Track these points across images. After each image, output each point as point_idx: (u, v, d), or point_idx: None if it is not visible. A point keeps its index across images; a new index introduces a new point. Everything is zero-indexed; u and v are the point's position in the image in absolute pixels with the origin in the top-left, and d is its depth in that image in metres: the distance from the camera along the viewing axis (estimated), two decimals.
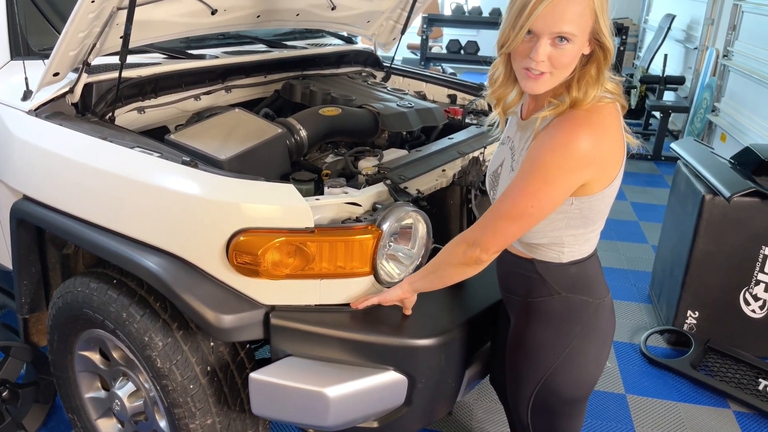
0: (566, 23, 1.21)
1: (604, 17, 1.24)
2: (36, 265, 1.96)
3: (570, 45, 1.24)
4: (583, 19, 1.23)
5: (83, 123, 1.81)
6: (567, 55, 1.25)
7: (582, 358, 1.44)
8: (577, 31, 1.23)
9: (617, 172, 1.32)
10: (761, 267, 2.72)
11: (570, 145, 1.23)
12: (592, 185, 1.30)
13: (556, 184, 1.26)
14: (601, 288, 1.46)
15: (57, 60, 1.71)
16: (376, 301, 1.54)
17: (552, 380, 1.45)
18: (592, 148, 1.24)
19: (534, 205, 1.27)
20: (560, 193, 1.28)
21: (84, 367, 1.95)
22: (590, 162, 1.25)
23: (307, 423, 1.56)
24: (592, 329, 1.43)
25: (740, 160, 2.93)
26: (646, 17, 8.68)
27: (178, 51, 2.29)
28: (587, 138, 1.24)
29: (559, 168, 1.24)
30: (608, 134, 1.27)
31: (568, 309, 1.42)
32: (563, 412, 1.52)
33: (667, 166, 5.69)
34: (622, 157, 1.32)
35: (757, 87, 4.90)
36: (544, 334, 1.44)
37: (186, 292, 1.48)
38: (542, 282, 1.42)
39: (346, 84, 2.58)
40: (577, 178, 1.27)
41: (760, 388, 2.62)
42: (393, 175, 1.73)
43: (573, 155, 1.24)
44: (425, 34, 7.64)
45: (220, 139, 1.79)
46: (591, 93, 1.27)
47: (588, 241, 1.41)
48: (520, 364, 1.50)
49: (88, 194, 1.67)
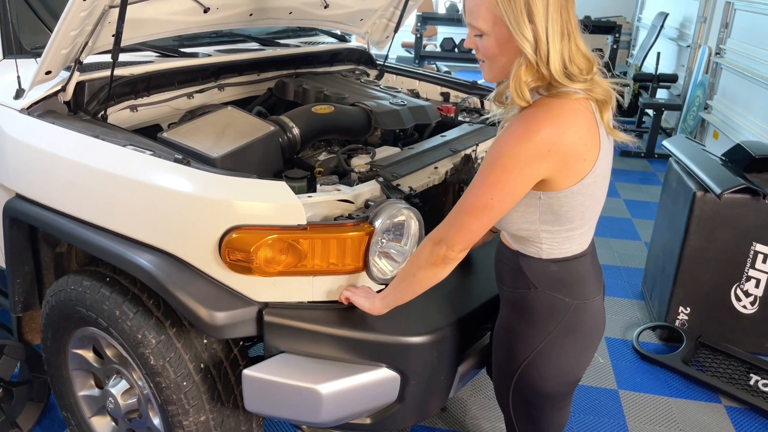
0: (474, 18, 1.28)
1: (518, 16, 1.21)
2: (29, 263, 1.96)
3: (485, 38, 1.29)
4: (488, 16, 1.26)
5: (75, 121, 1.81)
6: (486, 47, 1.30)
7: (558, 356, 1.43)
8: (484, 27, 1.27)
9: (587, 170, 1.29)
10: (752, 263, 2.74)
11: (525, 136, 1.24)
12: (557, 180, 1.29)
13: (513, 174, 1.25)
14: (587, 290, 1.44)
15: (49, 58, 1.71)
16: (346, 297, 1.55)
17: (526, 373, 1.46)
18: (547, 140, 1.23)
19: (494, 197, 1.28)
20: (519, 184, 1.27)
21: (77, 365, 1.95)
22: (546, 153, 1.24)
23: (300, 419, 1.57)
24: (572, 329, 1.42)
25: (731, 157, 2.95)
26: (639, 15, 8.71)
27: (171, 49, 2.29)
28: (543, 129, 1.23)
29: (515, 158, 1.24)
30: (569, 128, 1.25)
31: (545, 306, 1.41)
32: (542, 405, 1.52)
33: (659, 163, 5.71)
34: (592, 155, 1.29)
35: (750, 85, 4.92)
36: (519, 327, 1.45)
37: (179, 289, 1.48)
38: (523, 275, 1.43)
39: (339, 82, 2.59)
40: (535, 170, 1.25)
41: (751, 383, 2.64)
42: (385, 172, 1.73)
43: (528, 145, 1.23)
44: (419, 33, 7.65)
45: (213, 137, 1.79)
46: (524, 91, 1.26)
47: (568, 240, 1.39)
48: (499, 354, 1.53)
49: (80, 192, 1.67)
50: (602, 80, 1.31)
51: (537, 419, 1.55)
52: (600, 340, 1.51)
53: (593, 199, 1.35)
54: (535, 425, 1.57)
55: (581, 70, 1.27)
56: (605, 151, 1.33)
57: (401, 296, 1.49)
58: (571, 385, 1.51)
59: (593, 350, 1.50)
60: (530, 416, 1.55)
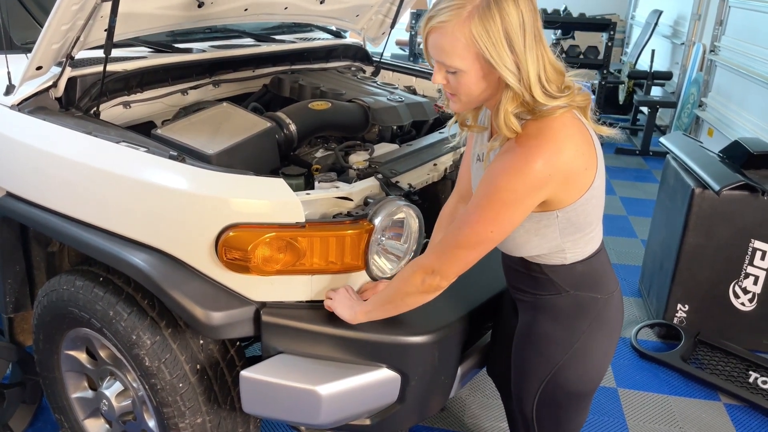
0: (448, 57, 1.22)
1: (499, 49, 1.18)
2: (20, 263, 1.93)
3: (462, 74, 1.24)
4: (466, 54, 1.20)
5: (67, 118, 1.78)
6: (463, 84, 1.25)
7: (590, 353, 1.44)
8: (462, 65, 1.22)
9: (591, 176, 1.29)
10: (750, 260, 2.73)
11: (523, 168, 1.22)
12: (566, 196, 1.28)
13: (513, 207, 1.25)
14: (610, 283, 1.45)
15: (40, 53, 1.67)
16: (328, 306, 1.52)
17: (559, 375, 1.45)
18: (545, 167, 1.22)
19: (494, 230, 1.27)
20: (519, 215, 1.27)
21: (70, 366, 1.92)
22: (546, 181, 1.23)
23: (298, 421, 1.55)
24: (601, 324, 1.43)
25: (729, 153, 2.94)
26: (633, 13, 8.72)
27: (164, 45, 2.26)
28: (540, 158, 1.21)
29: (515, 191, 1.23)
30: (564, 147, 1.23)
31: (577, 306, 1.41)
32: (569, 406, 1.52)
33: (655, 161, 5.72)
34: (592, 161, 1.29)
35: (744, 82, 4.93)
36: (553, 330, 1.44)
37: (174, 289, 1.45)
38: (550, 281, 1.42)
39: (336, 78, 2.56)
40: (536, 198, 1.26)
41: (750, 380, 2.63)
42: (384, 169, 1.71)
43: (527, 178, 1.22)
44: (414, 30, 7.63)
45: (208, 133, 1.76)
46: (512, 122, 1.23)
47: (590, 241, 1.40)
48: (528, 359, 1.50)
49: (73, 190, 1.64)
50: (575, 84, 1.29)
51: (561, 421, 1.55)
52: (620, 331, 1.52)
53: (602, 196, 1.36)
54: (558, 427, 1.56)
55: (558, 86, 1.25)
56: (600, 150, 1.33)
57: (384, 315, 1.48)
58: (599, 382, 1.51)
59: (617, 342, 1.51)
60: (554, 419, 1.54)
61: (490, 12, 1.16)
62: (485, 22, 1.16)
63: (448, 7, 1.19)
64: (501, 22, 1.16)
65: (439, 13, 1.20)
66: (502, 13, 1.16)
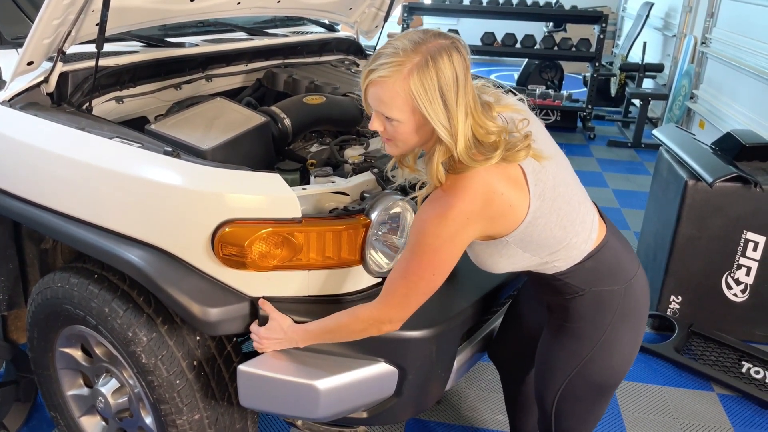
0: (387, 108, 1.25)
1: (434, 105, 1.21)
2: (13, 260, 1.91)
3: (399, 124, 1.27)
4: (404, 107, 1.23)
5: (59, 113, 1.76)
6: (398, 132, 1.29)
7: (616, 345, 1.46)
8: (400, 116, 1.25)
9: (523, 208, 1.31)
10: (743, 251, 2.75)
11: (441, 215, 1.27)
12: (501, 229, 1.33)
13: (441, 250, 1.30)
14: (627, 269, 1.46)
15: (31, 48, 1.65)
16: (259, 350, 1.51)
17: (586, 368, 1.47)
18: (461, 217, 1.27)
19: (435, 272, 1.33)
20: (453, 254, 1.32)
21: (66, 364, 1.90)
22: (467, 222, 1.28)
23: (296, 415, 1.55)
24: (625, 313, 1.45)
25: (722, 145, 2.96)
26: (624, 5, 8.74)
27: (157, 39, 2.24)
28: (455, 206, 1.26)
29: (440, 237, 1.28)
30: (478, 198, 1.27)
31: (597, 303, 1.43)
32: (593, 399, 1.55)
33: (647, 153, 5.73)
34: (520, 194, 1.30)
35: (735, 74, 4.95)
36: (579, 327, 1.46)
37: (171, 285, 1.44)
38: (565, 284, 1.43)
39: (330, 72, 2.55)
40: (464, 237, 1.31)
41: (743, 370, 2.66)
42: (380, 163, 1.70)
43: (446, 223, 1.27)
44: (406, 23, 7.60)
45: (203, 128, 1.75)
46: (440, 173, 1.28)
47: (577, 246, 1.39)
48: (554, 354, 1.52)
49: (66, 187, 1.62)
50: (514, 139, 1.30)
51: (581, 413, 1.57)
52: (647, 312, 1.53)
53: (556, 211, 1.35)
54: (578, 420, 1.58)
55: (486, 148, 1.27)
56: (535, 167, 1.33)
57: (323, 341, 1.48)
58: (625, 373, 1.53)
59: (645, 325, 1.53)
60: (574, 412, 1.56)
61: (427, 70, 1.20)
62: (423, 79, 1.20)
63: (389, 63, 1.22)
64: (437, 79, 1.20)
65: (380, 67, 1.23)
66: (438, 71, 1.20)
